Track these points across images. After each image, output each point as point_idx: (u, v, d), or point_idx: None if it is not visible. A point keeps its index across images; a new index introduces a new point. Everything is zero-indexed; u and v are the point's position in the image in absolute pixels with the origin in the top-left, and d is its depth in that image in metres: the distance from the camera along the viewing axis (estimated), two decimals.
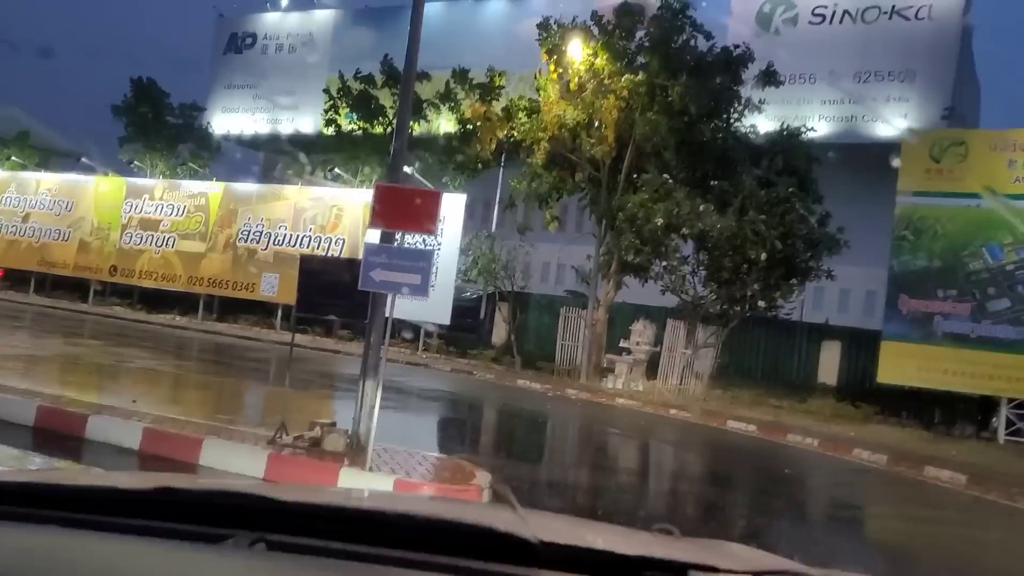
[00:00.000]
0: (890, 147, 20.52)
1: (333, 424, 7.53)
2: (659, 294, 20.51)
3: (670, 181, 18.26)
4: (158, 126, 30.17)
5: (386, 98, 25.04)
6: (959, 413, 18.02)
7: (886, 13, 32.46)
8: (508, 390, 18.31)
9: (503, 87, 22.15)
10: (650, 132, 18.70)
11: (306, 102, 38.04)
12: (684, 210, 17.43)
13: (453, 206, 23.25)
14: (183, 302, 26.96)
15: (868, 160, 27.25)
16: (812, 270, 19.17)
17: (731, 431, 14.81)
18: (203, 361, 17.86)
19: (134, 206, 27.88)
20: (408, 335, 23.37)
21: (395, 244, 7.58)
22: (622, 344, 20.37)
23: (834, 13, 33.18)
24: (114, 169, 30.39)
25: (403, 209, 6.59)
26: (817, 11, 33.55)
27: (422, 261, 6.62)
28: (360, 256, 7.08)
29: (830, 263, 19.22)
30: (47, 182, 30.36)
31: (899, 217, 17.75)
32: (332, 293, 7.31)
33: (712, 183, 18.61)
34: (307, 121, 37.85)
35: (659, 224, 17.49)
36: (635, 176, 19.58)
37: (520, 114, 20.46)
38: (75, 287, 28.70)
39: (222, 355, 19.00)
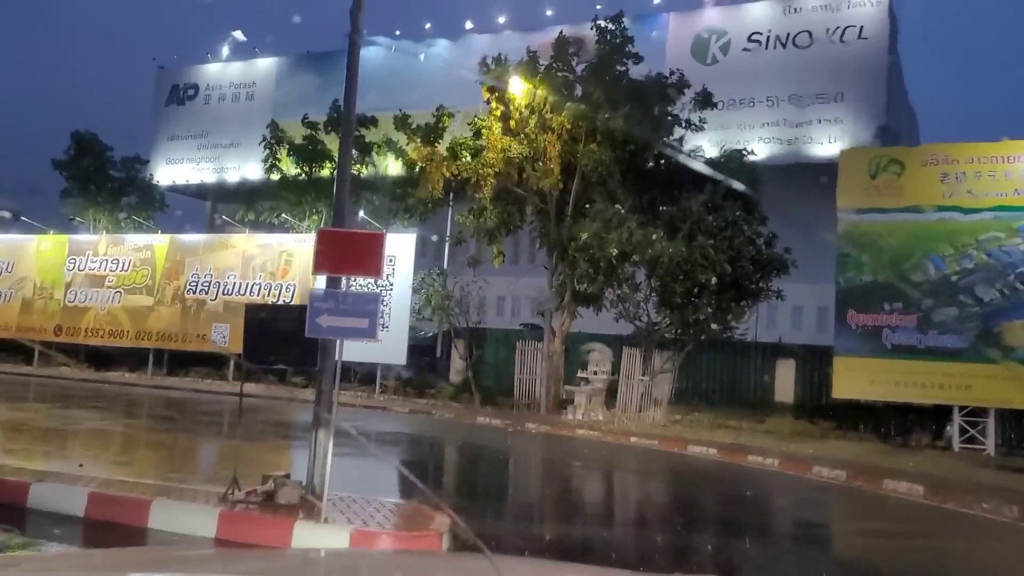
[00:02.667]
0: (830, 166, 21.00)
1: (287, 476, 7.35)
2: (614, 322, 20.64)
3: (622, 211, 18.44)
4: (100, 180, 29.64)
5: (333, 142, 24.97)
6: (914, 424, 18.32)
7: (818, 37, 33.54)
8: (467, 428, 18.14)
9: (447, 127, 22.23)
10: (595, 162, 18.92)
11: (252, 150, 37.72)
12: (636, 238, 17.60)
13: (403, 246, 23.19)
14: (132, 358, 26.31)
15: (811, 179, 27.94)
16: (762, 291, 19.45)
17: (692, 456, 14.83)
18: (153, 418, 17.40)
19: (78, 263, 27.24)
20: (364, 378, 23.14)
21: (344, 288, 7.49)
22: (580, 374, 20.37)
23: (768, 39, 34.14)
24: (56, 225, 29.71)
25: (347, 253, 6.51)
26: (752, 38, 34.46)
27: (370, 304, 6.53)
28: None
29: (779, 283, 19.55)
30: None
31: (842, 234, 18.13)
32: (280, 341, 7.16)
33: (661, 208, 18.85)
34: (254, 168, 37.50)
35: (613, 253, 17.64)
36: (586, 206, 19.74)
37: (464, 153, 20.56)
38: (18, 349, 27.80)
39: (173, 410, 18.53)
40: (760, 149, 30.39)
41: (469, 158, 20.70)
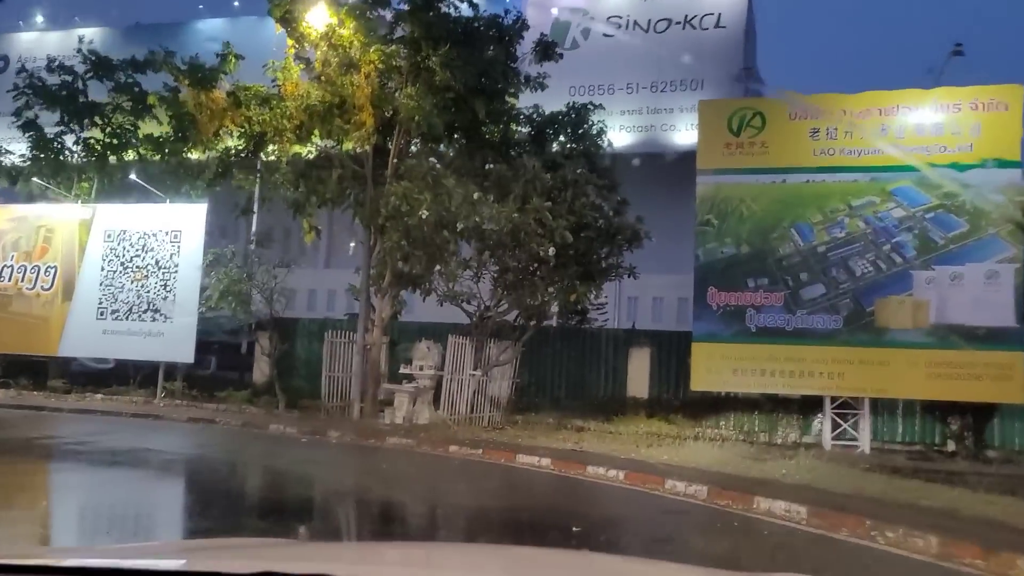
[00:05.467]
0: (690, 155, 18.80)
1: None
2: (449, 309, 17.29)
3: (438, 166, 15.07)
4: None
5: (100, 91, 20.48)
6: (781, 419, 16.09)
7: (678, 23, 33.29)
8: (249, 438, 14.35)
9: (232, 70, 18.13)
10: (412, 111, 15.47)
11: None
12: (456, 200, 14.25)
13: (191, 217, 19.13)
14: None
15: (671, 168, 26.98)
16: (612, 268, 16.71)
17: (521, 468, 11.68)
18: None
19: None
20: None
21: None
22: (403, 370, 16.98)
23: (627, 23, 33.75)
24: None
25: None
26: (612, 20, 34.03)
27: None
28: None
29: (633, 259, 16.90)
30: None
31: (701, 199, 15.46)
32: None
33: (490, 166, 15.65)
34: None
35: (424, 217, 14.18)
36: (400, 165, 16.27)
37: (251, 104, 16.58)
38: None
39: None
40: (620, 137, 29.28)
41: (263, 108, 16.76)
